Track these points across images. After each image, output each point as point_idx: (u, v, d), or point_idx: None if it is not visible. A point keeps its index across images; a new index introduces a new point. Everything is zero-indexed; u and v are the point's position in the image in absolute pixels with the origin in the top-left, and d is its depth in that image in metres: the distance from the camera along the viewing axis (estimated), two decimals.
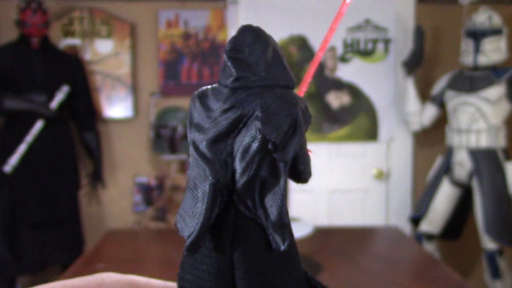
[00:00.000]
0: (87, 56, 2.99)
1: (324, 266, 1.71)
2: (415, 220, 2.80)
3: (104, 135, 3.04)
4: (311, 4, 2.97)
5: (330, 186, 3.07)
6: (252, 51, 0.38)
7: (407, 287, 1.59)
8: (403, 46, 3.00)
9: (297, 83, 3.26)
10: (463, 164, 2.60)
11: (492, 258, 2.48)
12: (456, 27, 2.91)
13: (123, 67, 3.02)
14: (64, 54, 2.82)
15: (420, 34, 2.73)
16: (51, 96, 2.65)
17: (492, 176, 2.50)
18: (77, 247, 2.79)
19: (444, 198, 2.69)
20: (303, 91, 0.69)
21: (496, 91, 2.53)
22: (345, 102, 3.02)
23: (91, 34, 2.99)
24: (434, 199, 2.70)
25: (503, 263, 2.49)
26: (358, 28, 3.00)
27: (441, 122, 2.85)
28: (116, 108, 3.04)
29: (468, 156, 2.57)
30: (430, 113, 2.83)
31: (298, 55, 2.99)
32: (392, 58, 3.01)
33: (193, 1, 3.03)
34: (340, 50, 3.01)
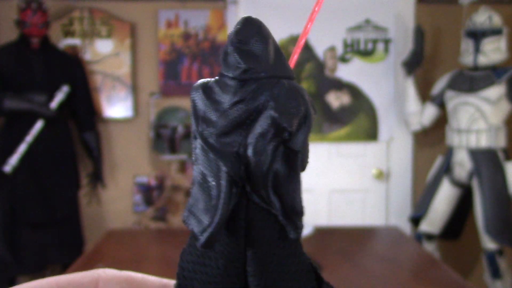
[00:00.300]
0: (87, 56, 2.99)
1: (324, 266, 1.71)
2: (415, 220, 2.80)
3: (104, 135, 3.04)
4: (311, 4, 2.96)
5: (330, 186, 3.07)
6: (256, 43, 0.39)
7: (407, 287, 1.59)
8: (403, 46, 3.00)
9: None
10: (463, 164, 2.60)
11: (492, 258, 2.48)
12: (456, 27, 2.90)
13: (123, 67, 3.02)
14: (64, 54, 2.82)
15: (420, 34, 2.73)
16: (51, 96, 2.65)
17: (492, 176, 2.50)
18: (77, 247, 2.78)
19: (444, 198, 2.69)
20: None
21: (496, 91, 2.53)
22: (345, 102, 3.02)
23: (91, 34, 2.99)
24: (434, 199, 2.70)
25: (503, 263, 2.49)
26: (358, 28, 3.00)
27: (441, 122, 2.85)
28: (116, 108, 3.04)
29: (468, 156, 2.57)
30: (430, 113, 2.82)
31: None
32: (392, 58, 3.01)
33: (193, 1, 3.03)
34: (340, 50, 3.01)
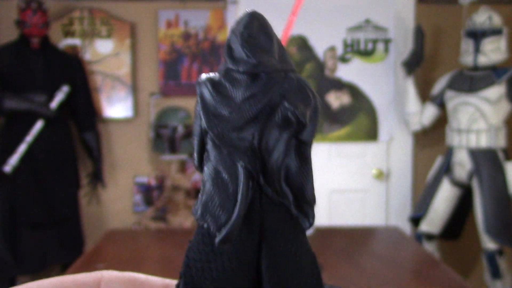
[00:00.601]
0: (87, 56, 2.99)
1: (324, 266, 1.71)
2: (415, 220, 2.80)
3: (104, 135, 3.04)
4: (311, 4, 2.97)
5: (330, 186, 3.07)
6: (264, 37, 0.39)
7: (407, 287, 1.59)
8: (403, 46, 3.00)
9: None
10: (463, 164, 2.60)
11: (492, 258, 2.48)
12: (456, 27, 2.90)
13: (123, 67, 3.02)
14: (64, 54, 2.82)
15: (420, 34, 2.73)
16: (51, 96, 2.65)
17: (492, 176, 2.50)
18: (77, 247, 2.79)
19: (444, 198, 2.69)
20: None
21: (496, 91, 2.53)
22: (345, 102, 3.02)
23: (91, 34, 2.99)
24: (434, 199, 2.70)
25: (503, 263, 2.49)
26: (358, 28, 3.00)
27: (441, 122, 2.85)
28: (116, 108, 3.04)
29: (468, 156, 2.57)
30: (430, 113, 2.82)
31: (298, 55, 2.99)
32: (392, 58, 3.01)
33: (193, 1, 3.03)
34: (340, 50, 3.01)
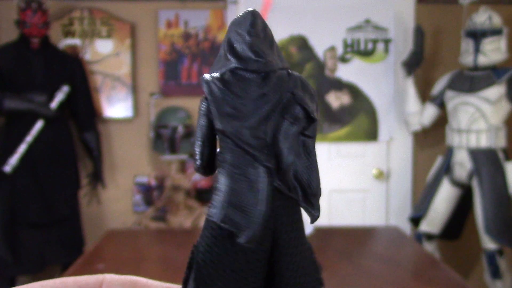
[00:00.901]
0: (87, 56, 2.99)
1: (324, 266, 1.70)
2: (415, 220, 2.80)
3: (104, 135, 3.04)
4: (311, 4, 2.97)
5: (330, 186, 3.07)
6: (265, 35, 0.40)
7: (407, 287, 1.59)
8: (403, 46, 3.00)
9: None
10: (463, 164, 2.60)
11: (492, 258, 2.48)
12: (456, 27, 2.90)
13: (123, 67, 3.02)
14: (64, 54, 2.82)
15: (420, 34, 2.73)
16: (51, 96, 2.65)
17: (492, 176, 2.49)
18: (77, 247, 2.78)
19: (444, 198, 2.69)
20: None
21: (496, 91, 2.53)
22: (345, 102, 3.02)
23: (91, 34, 2.99)
24: (434, 199, 2.70)
25: (503, 263, 2.49)
26: (358, 28, 3.00)
27: (441, 122, 2.85)
28: (116, 108, 3.04)
29: (468, 156, 2.57)
30: (430, 113, 2.82)
31: (298, 55, 2.99)
32: (392, 58, 3.01)
33: (193, 1, 3.03)
34: (340, 50, 3.01)
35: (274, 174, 0.38)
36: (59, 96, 2.66)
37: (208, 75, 0.39)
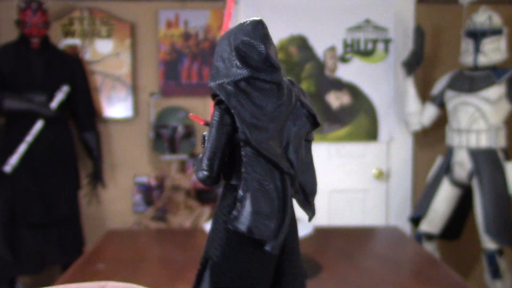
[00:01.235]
0: (87, 56, 2.99)
1: (324, 266, 1.71)
2: (415, 220, 2.80)
3: (104, 135, 3.04)
4: (311, 4, 2.97)
5: (330, 186, 3.07)
6: (274, 45, 0.41)
7: (407, 287, 1.59)
8: (403, 46, 3.00)
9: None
10: (463, 164, 2.60)
11: (492, 258, 2.48)
12: (456, 27, 2.91)
13: (123, 67, 3.02)
14: (64, 54, 2.82)
15: (420, 34, 2.73)
16: (51, 96, 2.65)
17: (492, 176, 2.49)
18: (77, 247, 2.78)
19: (444, 198, 2.69)
20: None
21: (496, 91, 2.53)
22: (345, 102, 3.02)
23: (91, 34, 2.99)
24: (434, 199, 2.70)
25: (503, 263, 2.49)
26: (358, 28, 3.00)
27: (441, 122, 2.85)
28: (116, 108, 3.04)
29: (468, 156, 2.57)
30: (430, 113, 2.82)
31: (298, 55, 2.99)
32: (392, 58, 3.01)
33: (193, 1, 3.03)
34: (340, 50, 3.01)
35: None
36: (59, 96, 2.66)
37: (228, 86, 0.40)
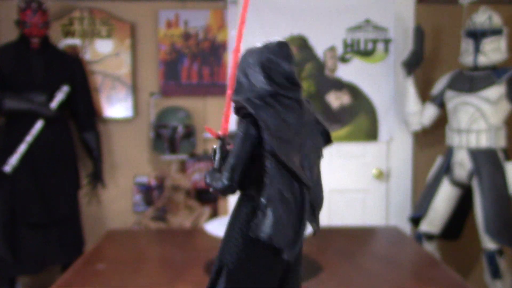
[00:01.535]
0: (87, 56, 2.99)
1: (324, 266, 1.71)
2: (415, 220, 2.80)
3: (104, 135, 3.04)
4: (311, 4, 2.97)
5: (330, 186, 3.06)
6: (293, 64, 0.45)
7: (407, 287, 1.59)
8: (403, 46, 3.00)
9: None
10: (463, 164, 2.60)
11: (492, 258, 2.48)
12: (456, 27, 2.90)
13: (123, 67, 3.02)
14: (64, 54, 2.82)
15: (420, 34, 2.73)
16: (51, 96, 2.65)
17: (492, 176, 2.49)
18: (77, 247, 2.78)
19: (444, 198, 2.69)
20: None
21: (496, 91, 2.53)
22: (345, 102, 3.02)
23: (91, 34, 2.99)
24: (434, 199, 2.70)
25: (503, 263, 2.49)
26: (358, 28, 3.00)
27: (441, 122, 2.85)
28: (116, 108, 3.04)
29: (468, 156, 2.57)
30: (430, 113, 2.82)
31: (298, 55, 2.99)
32: (392, 58, 3.01)
33: (193, 1, 3.03)
34: (340, 50, 3.01)
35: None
36: (59, 96, 2.66)
37: (252, 99, 0.42)
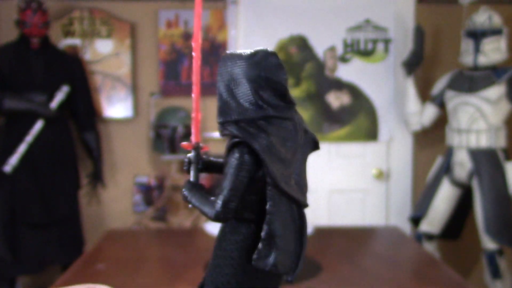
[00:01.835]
0: (87, 56, 2.99)
1: (324, 266, 1.71)
2: (415, 220, 2.80)
3: (104, 135, 3.04)
4: (311, 4, 2.97)
5: (330, 186, 3.06)
6: (286, 75, 0.46)
7: (407, 287, 1.59)
8: (403, 46, 2.99)
9: (296, 83, 3.22)
10: (463, 164, 2.60)
11: (492, 258, 2.48)
12: (456, 27, 2.90)
13: (123, 67, 3.02)
14: (64, 54, 2.82)
15: (420, 34, 2.73)
16: (51, 96, 2.65)
17: (492, 176, 2.49)
18: (77, 247, 2.78)
19: (444, 198, 2.69)
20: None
21: (496, 91, 2.53)
22: (345, 102, 3.02)
23: (91, 34, 2.99)
24: (434, 199, 2.70)
25: (503, 263, 2.49)
26: (358, 28, 3.00)
27: (441, 122, 2.85)
28: (116, 108, 3.04)
29: (468, 156, 2.57)
30: (430, 113, 2.82)
31: (298, 55, 2.99)
32: (392, 58, 3.01)
33: (193, 1, 3.03)
34: (340, 50, 3.01)
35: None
36: (59, 96, 2.66)
37: (241, 125, 0.42)
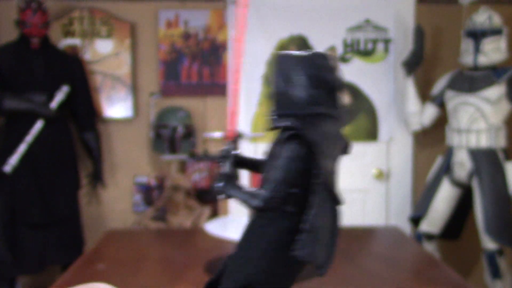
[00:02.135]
0: (87, 56, 2.99)
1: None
2: (415, 220, 2.80)
3: (104, 135, 3.04)
4: (311, 4, 2.97)
5: None
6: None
7: (407, 287, 1.59)
8: (403, 46, 2.99)
9: None
10: (463, 164, 2.60)
11: (492, 258, 2.48)
12: (456, 27, 2.90)
13: (123, 67, 3.02)
14: (64, 54, 2.82)
15: (420, 34, 2.73)
16: (51, 96, 2.65)
17: (492, 176, 2.49)
18: (77, 247, 2.78)
19: (444, 198, 2.69)
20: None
21: (496, 91, 2.53)
22: (345, 102, 3.02)
23: (91, 34, 2.99)
24: (434, 199, 2.70)
25: (503, 263, 2.49)
26: (358, 28, 3.00)
27: (441, 122, 2.85)
28: (116, 108, 3.04)
29: (468, 156, 2.57)
30: (430, 113, 2.82)
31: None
32: (392, 58, 3.01)
33: (193, 1, 3.03)
34: (340, 50, 3.01)
35: None
36: (59, 96, 2.66)
37: (300, 120, 0.43)
